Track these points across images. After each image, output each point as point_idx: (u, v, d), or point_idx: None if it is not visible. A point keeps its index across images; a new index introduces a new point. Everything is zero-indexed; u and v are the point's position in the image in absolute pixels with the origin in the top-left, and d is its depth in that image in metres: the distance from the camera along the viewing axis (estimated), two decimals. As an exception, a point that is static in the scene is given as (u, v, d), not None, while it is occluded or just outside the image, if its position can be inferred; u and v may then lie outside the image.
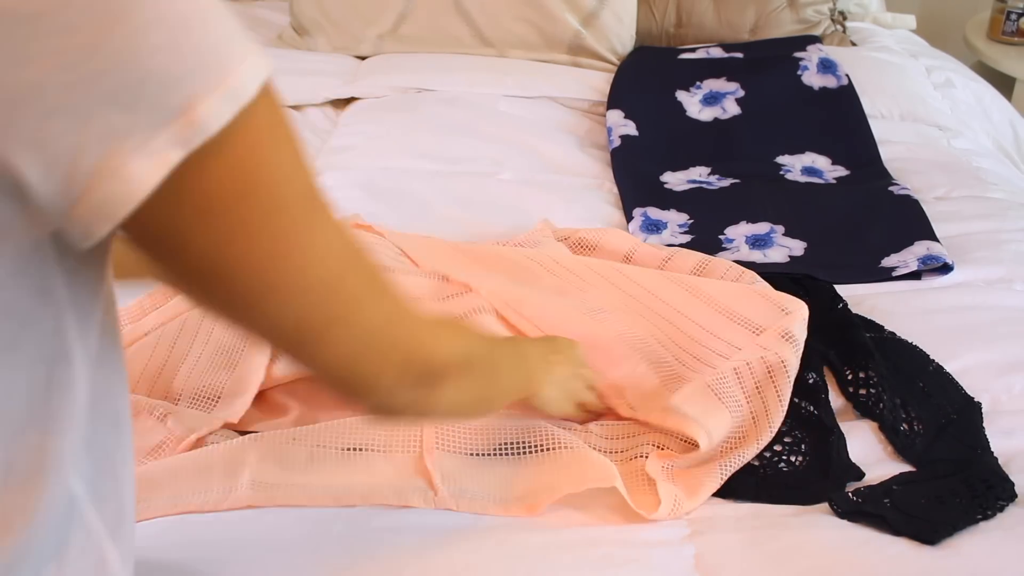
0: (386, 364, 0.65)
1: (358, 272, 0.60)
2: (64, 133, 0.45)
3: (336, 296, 0.59)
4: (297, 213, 0.54)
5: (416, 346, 0.67)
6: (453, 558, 0.89)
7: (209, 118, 0.47)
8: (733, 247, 1.44)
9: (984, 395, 1.13)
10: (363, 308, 0.61)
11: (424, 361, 0.68)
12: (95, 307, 0.56)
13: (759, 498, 0.98)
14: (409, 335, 0.66)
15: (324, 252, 0.57)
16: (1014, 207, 1.54)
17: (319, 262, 0.56)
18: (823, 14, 2.12)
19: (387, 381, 0.65)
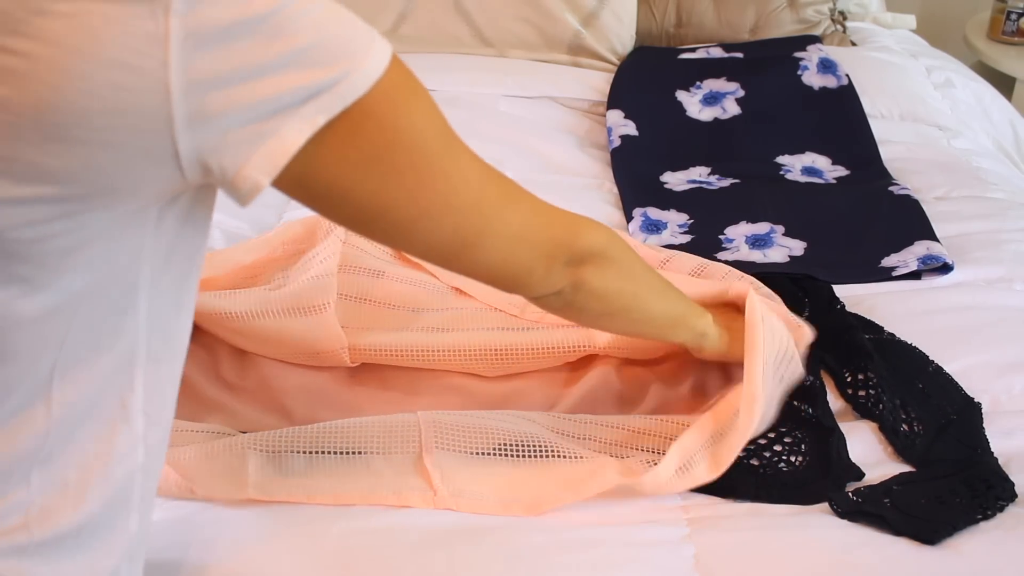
0: (536, 257, 0.77)
1: (495, 186, 0.72)
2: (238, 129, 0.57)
3: (481, 210, 0.71)
4: (436, 149, 0.66)
5: (559, 234, 0.79)
6: (453, 558, 0.89)
7: (347, 91, 0.59)
8: (733, 247, 1.44)
9: (984, 395, 1.13)
10: (505, 214, 0.73)
11: (568, 245, 0.80)
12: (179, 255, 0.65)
13: (759, 498, 0.98)
14: (551, 226, 0.78)
15: (464, 176, 0.69)
16: (1014, 207, 1.54)
17: (462, 185, 0.69)
18: (823, 14, 2.12)
19: (540, 271, 0.78)
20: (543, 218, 0.77)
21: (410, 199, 0.66)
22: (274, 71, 0.56)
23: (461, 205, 0.69)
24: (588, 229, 0.84)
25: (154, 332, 0.64)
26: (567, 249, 0.80)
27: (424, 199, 0.67)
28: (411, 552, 0.90)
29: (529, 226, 0.75)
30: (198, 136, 0.55)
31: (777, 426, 1.07)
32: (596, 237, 0.84)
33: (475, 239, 0.72)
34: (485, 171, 0.71)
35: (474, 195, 0.70)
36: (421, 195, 0.66)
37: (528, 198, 0.76)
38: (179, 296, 0.66)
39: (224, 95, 0.54)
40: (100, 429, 0.63)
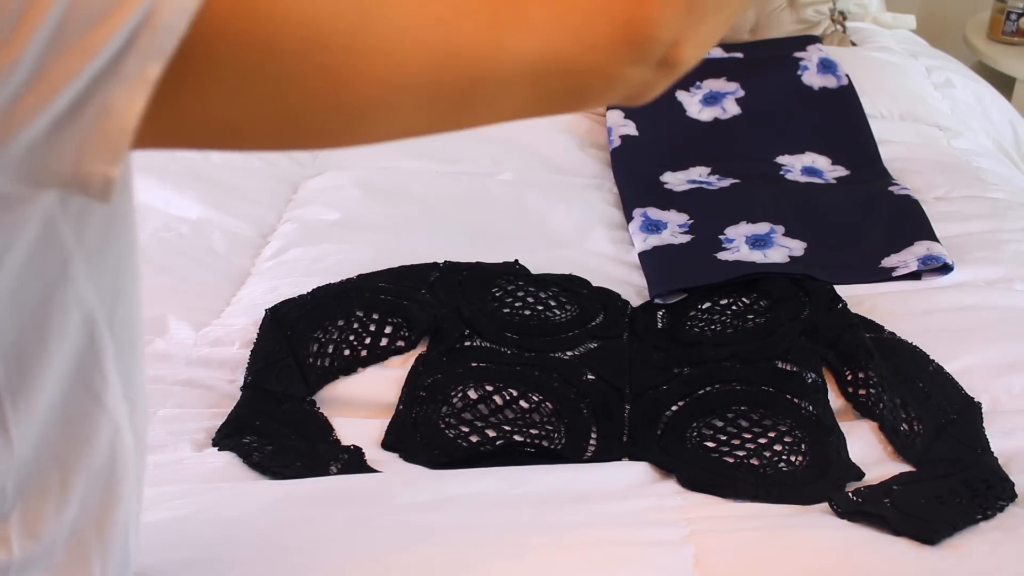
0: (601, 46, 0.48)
1: (475, 17, 0.46)
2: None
3: (459, 64, 0.46)
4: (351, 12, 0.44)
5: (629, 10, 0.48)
6: (453, 558, 0.89)
7: (174, 11, 0.40)
8: (733, 247, 1.44)
9: (984, 395, 1.13)
10: (505, 48, 0.47)
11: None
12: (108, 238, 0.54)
13: (759, 498, 0.98)
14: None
15: (412, 34, 0.44)
16: (1014, 207, 1.54)
17: (410, 49, 0.45)
18: (823, 14, 2.12)
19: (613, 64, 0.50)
20: None
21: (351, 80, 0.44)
22: (42, 57, 0.40)
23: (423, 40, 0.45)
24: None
25: (111, 321, 0.56)
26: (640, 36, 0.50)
27: (366, 55, 0.44)
28: (411, 551, 0.90)
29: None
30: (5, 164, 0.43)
31: (777, 425, 1.07)
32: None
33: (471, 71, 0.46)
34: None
35: (441, 50, 0.45)
36: (360, 62, 0.44)
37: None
38: (118, 281, 0.56)
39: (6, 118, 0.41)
40: (75, 429, 0.58)
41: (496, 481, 0.99)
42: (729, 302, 1.29)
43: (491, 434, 1.08)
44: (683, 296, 1.32)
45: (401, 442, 1.08)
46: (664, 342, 1.23)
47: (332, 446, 1.06)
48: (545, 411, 1.11)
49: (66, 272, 0.52)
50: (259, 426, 1.08)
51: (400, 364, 1.19)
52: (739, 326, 1.25)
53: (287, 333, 1.19)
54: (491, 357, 1.19)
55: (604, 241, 1.48)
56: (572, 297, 1.31)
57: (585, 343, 1.22)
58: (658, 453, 1.06)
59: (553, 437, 1.08)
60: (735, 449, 1.06)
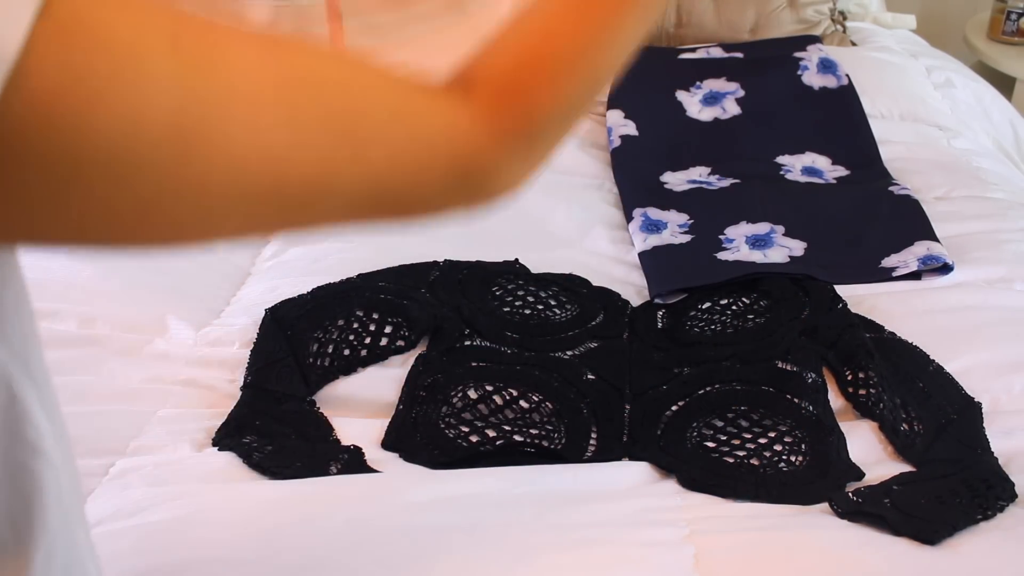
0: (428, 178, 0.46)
1: (312, 151, 0.41)
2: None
3: (286, 192, 0.42)
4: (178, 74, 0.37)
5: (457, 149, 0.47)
6: (453, 558, 0.89)
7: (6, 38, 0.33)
8: (733, 247, 1.44)
9: (984, 395, 1.13)
10: (339, 182, 0.43)
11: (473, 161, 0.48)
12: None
13: (759, 498, 0.98)
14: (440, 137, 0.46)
15: (240, 164, 0.39)
16: (1014, 207, 1.54)
17: (235, 178, 0.40)
18: (823, 14, 2.12)
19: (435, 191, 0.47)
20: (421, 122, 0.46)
21: (153, 181, 0.38)
22: None
23: (252, 168, 0.40)
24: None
25: (28, 366, 0.49)
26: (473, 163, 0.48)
27: (165, 219, 0.40)
28: (412, 552, 0.90)
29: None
30: None
31: (777, 425, 1.07)
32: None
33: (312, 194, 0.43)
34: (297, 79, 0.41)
35: (269, 179, 0.41)
36: (169, 177, 0.38)
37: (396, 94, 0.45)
38: (19, 320, 0.49)
39: None
40: (19, 485, 0.51)
41: (496, 481, 0.99)
42: (729, 302, 1.29)
43: (491, 434, 1.08)
44: (683, 296, 1.32)
45: (401, 442, 1.08)
46: (664, 342, 1.23)
47: (332, 446, 1.06)
48: (545, 411, 1.11)
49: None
50: (259, 426, 1.08)
51: (400, 364, 1.19)
52: (739, 326, 1.25)
53: (287, 333, 1.19)
54: (491, 357, 1.19)
55: (604, 241, 1.48)
56: (572, 297, 1.31)
57: (585, 343, 1.22)
58: (658, 453, 1.06)
59: (553, 437, 1.08)
60: (735, 449, 1.06)
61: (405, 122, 0.45)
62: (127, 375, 1.16)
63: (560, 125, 0.51)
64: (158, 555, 0.88)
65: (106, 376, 1.16)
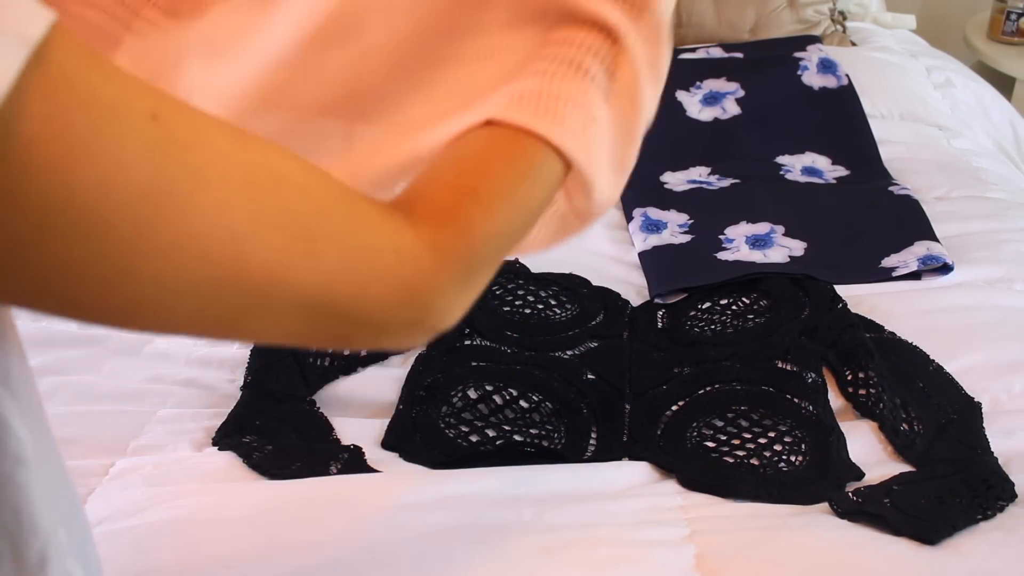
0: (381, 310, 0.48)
1: (269, 242, 0.43)
2: None
3: (243, 282, 0.43)
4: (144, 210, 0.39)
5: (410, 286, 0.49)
6: (453, 558, 0.89)
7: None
8: (733, 247, 1.44)
9: (984, 395, 1.13)
10: (291, 279, 0.45)
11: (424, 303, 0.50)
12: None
13: (759, 498, 0.98)
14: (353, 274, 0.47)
15: (203, 243, 0.41)
16: (1014, 207, 1.54)
17: (198, 257, 0.41)
18: (823, 14, 2.12)
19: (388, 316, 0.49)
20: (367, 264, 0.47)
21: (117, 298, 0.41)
22: None
23: (209, 279, 0.42)
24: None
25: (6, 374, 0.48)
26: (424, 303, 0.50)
27: (129, 288, 0.41)
28: (411, 552, 0.90)
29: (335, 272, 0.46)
30: None
31: (777, 425, 1.07)
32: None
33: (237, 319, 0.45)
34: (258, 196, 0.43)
35: (227, 264, 0.42)
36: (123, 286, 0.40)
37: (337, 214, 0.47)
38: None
39: None
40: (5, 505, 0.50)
41: (496, 481, 0.99)
42: (729, 302, 1.29)
43: (491, 434, 1.08)
44: (683, 296, 1.32)
45: (401, 442, 1.08)
46: (664, 342, 1.23)
47: (332, 446, 1.06)
48: (545, 411, 1.11)
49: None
50: (259, 426, 1.08)
51: (400, 364, 1.19)
52: (739, 326, 1.25)
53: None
54: (491, 356, 1.19)
55: (604, 241, 1.48)
56: (572, 296, 1.31)
57: (585, 342, 1.22)
58: (658, 453, 1.06)
59: (553, 437, 1.08)
60: (735, 449, 1.06)
61: (357, 231, 0.47)
62: (127, 375, 1.16)
63: (494, 257, 0.54)
64: (158, 555, 0.88)
65: (106, 376, 1.16)
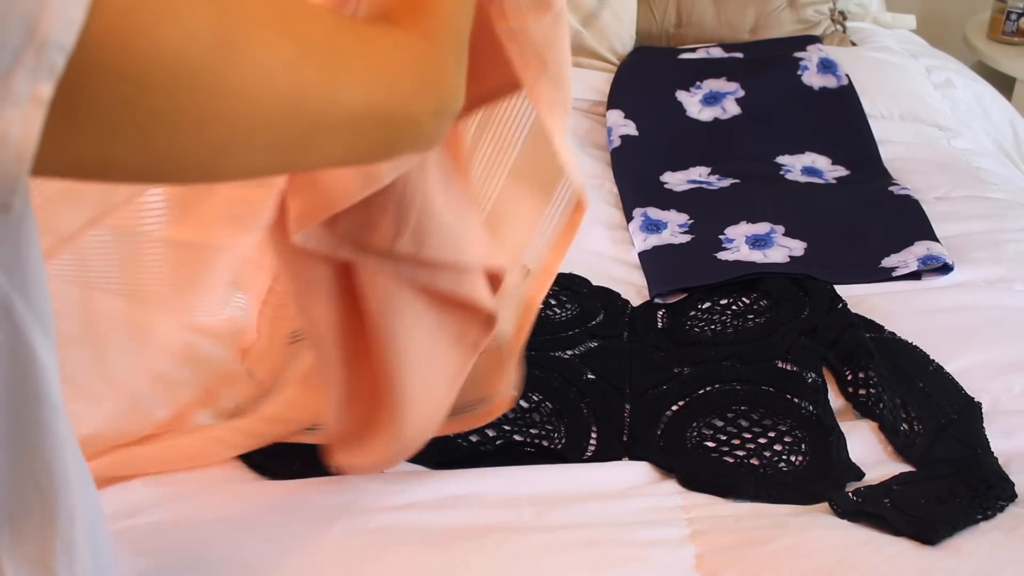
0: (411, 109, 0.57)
1: (314, 66, 0.50)
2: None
3: (303, 105, 0.50)
4: (212, 61, 0.45)
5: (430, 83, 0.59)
6: (453, 558, 0.89)
7: (60, 27, 0.39)
8: (733, 247, 1.44)
9: (984, 395, 1.13)
10: (338, 94, 0.52)
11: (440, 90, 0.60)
12: None
13: (759, 498, 0.98)
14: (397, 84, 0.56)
15: (266, 75, 0.48)
16: (1014, 207, 1.54)
17: (265, 89, 0.48)
18: (823, 14, 2.12)
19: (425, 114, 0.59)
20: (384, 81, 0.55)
21: (206, 143, 0.47)
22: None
23: (274, 111, 0.49)
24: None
25: (25, 289, 0.51)
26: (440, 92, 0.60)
27: (218, 132, 0.47)
28: (411, 552, 0.90)
29: (373, 95, 0.54)
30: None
31: (777, 425, 1.07)
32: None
33: (303, 142, 0.52)
34: (297, 48, 0.49)
35: (288, 93, 0.49)
36: (214, 128, 0.46)
37: (361, 57, 0.54)
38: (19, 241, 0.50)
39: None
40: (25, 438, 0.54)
41: (496, 481, 1.00)
42: (729, 302, 1.29)
43: (491, 434, 1.08)
44: (683, 296, 1.32)
45: (401, 442, 1.08)
46: (664, 342, 1.23)
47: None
48: (545, 411, 1.11)
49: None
50: (259, 426, 1.07)
51: (400, 364, 1.19)
52: (739, 326, 1.25)
53: (287, 333, 1.19)
54: (491, 357, 1.19)
55: (604, 241, 1.48)
56: (572, 296, 1.31)
57: (585, 342, 1.22)
58: (658, 453, 1.06)
59: (553, 437, 1.08)
60: (735, 449, 1.06)
61: (368, 40, 0.55)
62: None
63: (465, 30, 0.64)
64: (158, 555, 0.88)
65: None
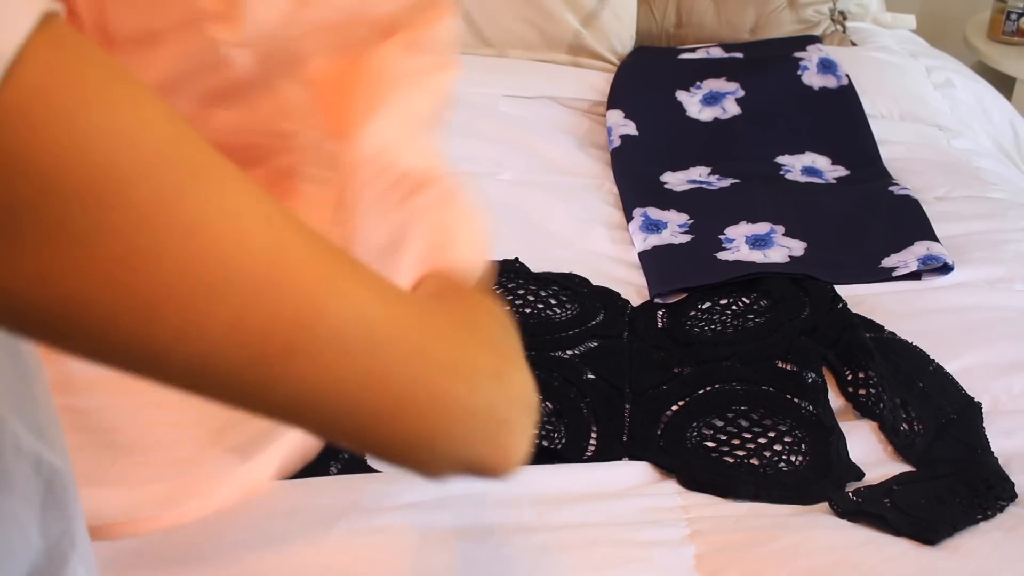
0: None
1: (303, 245, 0.37)
2: None
3: (286, 285, 0.36)
4: (162, 185, 0.33)
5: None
6: (453, 558, 0.89)
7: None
8: (733, 247, 1.44)
9: (984, 395, 1.13)
10: (339, 297, 0.38)
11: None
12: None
13: (759, 498, 0.98)
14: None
15: (237, 224, 0.35)
16: (1014, 207, 1.54)
17: (236, 250, 0.35)
18: (823, 14, 2.12)
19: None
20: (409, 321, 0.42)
21: (124, 285, 0.33)
22: None
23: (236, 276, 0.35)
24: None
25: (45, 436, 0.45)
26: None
27: (150, 279, 0.33)
28: (411, 552, 0.90)
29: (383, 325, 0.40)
30: None
31: (777, 425, 1.07)
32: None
33: (282, 355, 0.37)
34: (278, 219, 0.37)
35: (265, 264, 0.35)
36: (141, 274, 0.33)
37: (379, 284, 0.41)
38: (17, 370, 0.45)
39: None
40: None
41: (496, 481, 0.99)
42: (729, 302, 1.29)
43: (491, 434, 1.08)
44: (683, 296, 1.32)
45: (401, 442, 1.08)
46: (664, 342, 1.23)
47: (332, 446, 1.06)
48: (545, 411, 1.11)
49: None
50: (259, 426, 1.07)
51: (400, 364, 1.19)
52: (739, 326, 1.25)
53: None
54: (491, 357, 1.18)
55: (604, 241, 1.48)
56: (572, 296, 1.31)
57: (585, 342, 1.22)
58: (658, 453, 1.06)
59: (553, 437, 1.08)
60: (735, 449, 1.06)
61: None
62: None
63: None
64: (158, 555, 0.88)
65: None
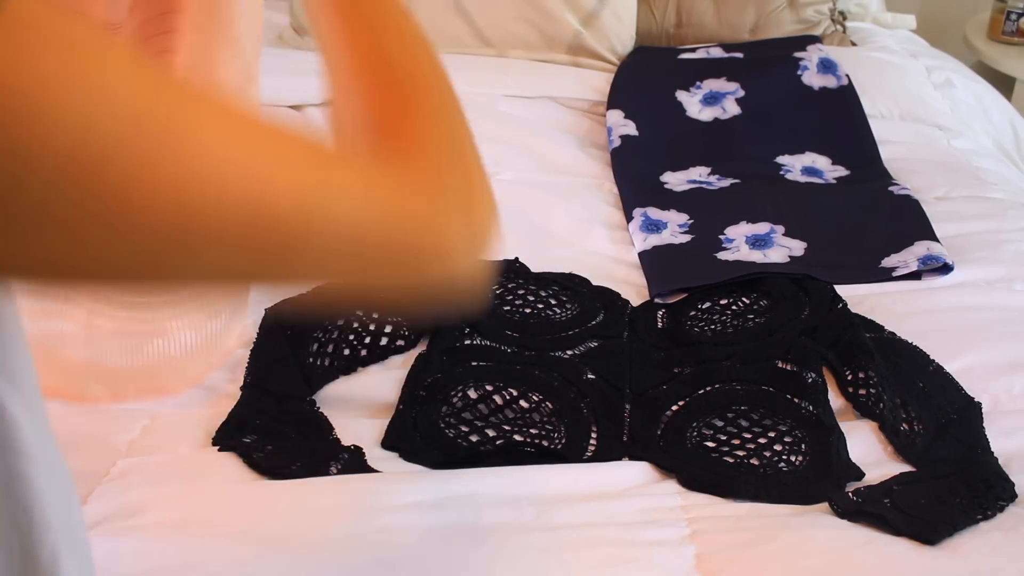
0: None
1: (290, 164, 0.39)
2: None
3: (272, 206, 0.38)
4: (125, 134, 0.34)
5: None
6: (453, 558, 0.89)
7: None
8: (733, 247, 1.44)
9: (984, 395, 1.13)
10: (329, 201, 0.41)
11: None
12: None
13: (759, 498, 0.98)
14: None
15: (220, 165, 0.36)
16: (1014, 207, 1.54)
17: (221, 197, 0.36)
18: (823, 14, 2.12)
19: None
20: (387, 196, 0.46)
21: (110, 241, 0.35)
22: None
23: (228, 215, 0.37)
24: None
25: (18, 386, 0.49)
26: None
27: (148, 236, 0.36)
28: (411, 552, 0.90)
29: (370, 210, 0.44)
30: None
31: (777, 425, 1.07)
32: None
33: (281, 258, 0.41)
34: (260, 135, 0.39)
35: (257, 183, 0.38)
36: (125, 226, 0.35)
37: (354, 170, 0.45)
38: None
39: None
40: None
41: (496, 481, 0.99)
42: (729, 302, 1.29)
43: (491, 434, 1.08)
44: (683, 296, 1.32)
45: (401, 442, 1.08)
46: (664, 342, 1.23)
47: (332, 446, 1.06)
48: (545, 411, 1.11)
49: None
50: (259, 426, 1.08)
51: (400, 364, 1.19)
52: (739, 326, 1.25)
53: (287, 333, 1.19)
54: (491, 356, 1.19)
55: (604, 241, 1.48)
56: (572, 296, 1.31)
57: (585, 342, 1.22)
58: (658, 453, 1.06)
59: (553, 437, 1.08)
60: (735, 449, 1.06)
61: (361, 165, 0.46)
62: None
63: None
64: (158, 555, 0.88)
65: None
